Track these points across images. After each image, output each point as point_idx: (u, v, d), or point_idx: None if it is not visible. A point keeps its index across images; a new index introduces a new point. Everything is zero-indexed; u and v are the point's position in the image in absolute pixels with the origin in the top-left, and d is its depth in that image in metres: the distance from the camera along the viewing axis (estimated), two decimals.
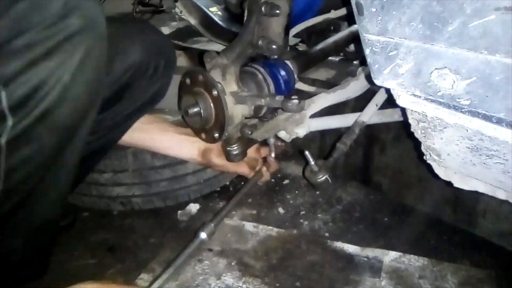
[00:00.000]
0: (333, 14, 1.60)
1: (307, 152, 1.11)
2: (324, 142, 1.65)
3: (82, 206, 1.46)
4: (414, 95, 0.72)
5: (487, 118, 0.65)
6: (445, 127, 0.74)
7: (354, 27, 1.42)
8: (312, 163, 1.12)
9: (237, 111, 1.07)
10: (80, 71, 0.75)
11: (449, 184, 0.95)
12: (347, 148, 1.16)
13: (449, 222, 1.36)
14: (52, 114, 0.75)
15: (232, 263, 1.21)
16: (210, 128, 1.09)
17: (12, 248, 0.91)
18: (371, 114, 1.20)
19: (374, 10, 0.66)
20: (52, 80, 0.71)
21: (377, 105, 1.22)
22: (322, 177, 1.11)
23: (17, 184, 0.81)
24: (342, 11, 1.58)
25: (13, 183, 0.79)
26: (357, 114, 1.24)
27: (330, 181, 1.12)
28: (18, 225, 0.88)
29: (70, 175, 0.94)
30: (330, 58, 1.59)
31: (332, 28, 1.60)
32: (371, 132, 1.48)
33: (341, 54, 1.67)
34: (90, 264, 1.24)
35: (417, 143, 0.89)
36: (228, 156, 1.22)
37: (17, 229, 0.89)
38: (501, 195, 0.91)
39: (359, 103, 1.36)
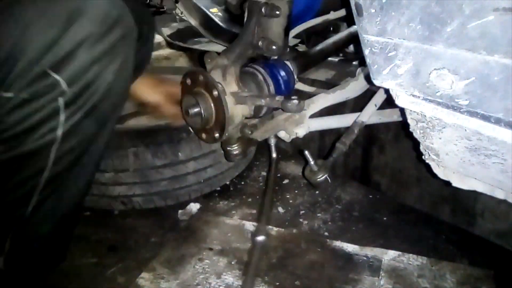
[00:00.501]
0: (333, 15, 1.60)
1: (306, 152, 1.12)
2: (323, 142, 1.66)
3: (83, 206, 1.46)
4: (413, 95, 0.73)
5: (485, 118, 0.65)
6: (444, 127, 0.75)
7: (353, 28, 1.43)
8: (312, 162, 1.12)
9: (237, 111, 1.07)
10: (120, 72, 0.86)
11: (447, 183, 0.95)
12: (346, 148, 1.17)
13: (448, 221, 1.36)
14: (98, 109, 0.86)
15: (232, 262, 1.21)
16: (210, 128, 1.10)
17: (40, 234, 0.95)
18: (370, 114, 1.21)
19: (373, 11, 0.66)
20: (99, 80, 0.83)
21: (376, 105, 1.22)
22: (322, 177, 1.12)
23: (60, 173, 0.88)
24: (342, 12, 1.59)
25: (57, 171, 0.87)
26: (356, 114, 1.24)
27: (329, 180, 1.13)
28: (48, 211, 0.93)
29: (96, 162, 0.99)
30: (329, 58, 1.59)
31: (331, 29, 1.61)
32: (370, 132, 1.49)
33: (341, 54, 1.67)
34: (91, 263, 1.24)
35: (416, 143, 0.90)
36: (228, 156, 1.22)
37: (47, 216, 0.94)
38: (499, 194, 0.91)
39: (358, 104, 1.37)
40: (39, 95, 0.78)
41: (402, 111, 0.82)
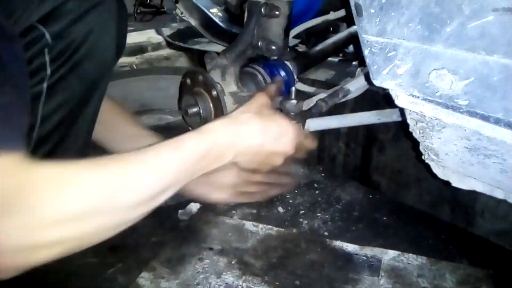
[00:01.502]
0: (333, 15, 1.60)
1: (293, 88, 1.03)
2: (323, 142, 1.66)
3: None
4: (413, 96, 0.73)
5: (485, 118, 0.66)
6: (443, 127, 0.75)
7: (353, 28, 1.43)
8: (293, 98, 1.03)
9: None
10: (103, 32, 0.92)
11: (447, 183, 0.95)
12: (327, 108, 1.12)
13: (447, 221, 1.37)
14: (82, 67, 0.91)
15: (232, 262, 1.21)
16: None
17: None
18: (358, 87, 1.20)
19: (373, 11, 0.66)
20: (81, 38, 0.89)
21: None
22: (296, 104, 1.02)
23: (49, 133, 0.90)
24: (341, 13, 1.59)
25: (46, 131, 0.89)
26: (357, 114, 1.25)
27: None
28: None
29: (89, 127, 1.00)
30: (329, 59, 1.59)
31: (331, 29, 1.61)
32: (370, 132, 1.49)
33: (340, 55, 1.67)
34: (91, 262, 1.24)
35: (415, 143, 0.90)
36: None
37: None
38: (499, 194, 0.91)
39: (358, 104, 1.37)
40: (28, 47, 0.83)
41: (402, 111, 0.82)
